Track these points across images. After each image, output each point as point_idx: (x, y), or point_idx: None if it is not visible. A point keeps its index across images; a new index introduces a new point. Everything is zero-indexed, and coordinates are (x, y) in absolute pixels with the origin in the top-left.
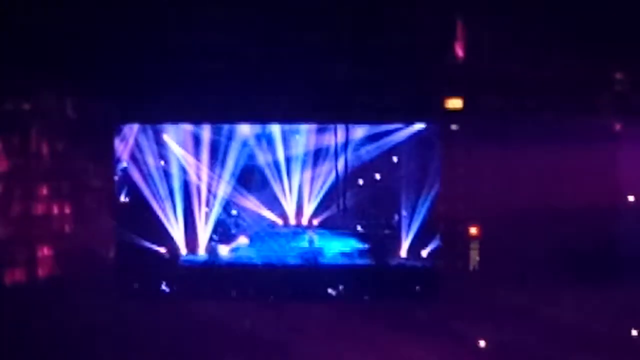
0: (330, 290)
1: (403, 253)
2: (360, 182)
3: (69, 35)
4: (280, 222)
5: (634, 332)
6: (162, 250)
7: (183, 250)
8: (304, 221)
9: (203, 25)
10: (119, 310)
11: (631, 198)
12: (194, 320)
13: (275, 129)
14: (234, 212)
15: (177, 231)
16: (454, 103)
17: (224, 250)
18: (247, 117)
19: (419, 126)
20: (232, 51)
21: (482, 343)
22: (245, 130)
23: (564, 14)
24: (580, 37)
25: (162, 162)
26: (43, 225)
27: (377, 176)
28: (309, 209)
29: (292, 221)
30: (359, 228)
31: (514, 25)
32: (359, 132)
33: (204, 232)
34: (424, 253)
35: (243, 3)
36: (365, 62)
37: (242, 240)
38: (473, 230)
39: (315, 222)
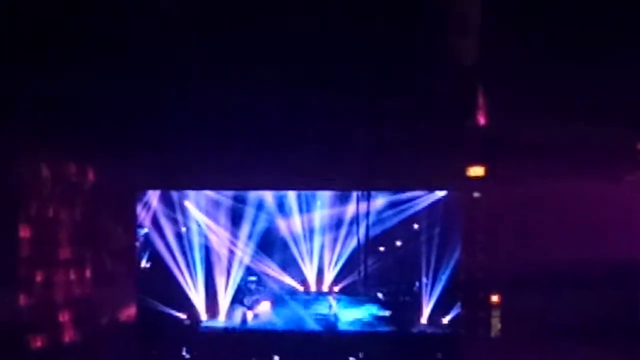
0: (350, 358)
1: (424, 320)
2: (382, 248)
3: (91, 100)
4: (301, 288)
5: None
6: (183, 315)
7: (203, 316)
8: (325, 287)
9: (224, 93)
10: None
11: None
12: None
13: (297, 196)
14: (254, 278)
15: (197, 297)
16: (476, 170)
17: (245, 316)
18: (269, 184)
19: (440, 193)
20: (253, 118)
21: None
22: (267, 196)
23: (587, 81)
24: (604, 105)
25: (184, 228)
26: (65, 290)
27: (398, 243)
28: (329, 275)
29: (313, 287)
30: (379, 295)
31: (537, 91)
32: (380, 198)
33: (224, 298)
34: (445, 320)
35: (263, 70)
36: (386, 129)
37: (264, 306)
38: (494, 298)
39: (336, 288)
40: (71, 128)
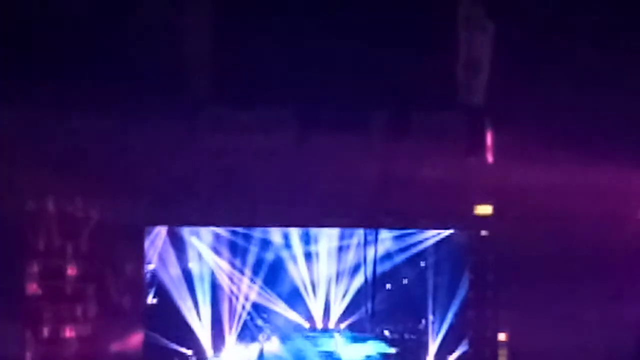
0: None
1: (430, 358)
2: (388, 286)
3: (94, 137)
4: (307, 324)
5: None
6: (189, 352)
7: (209, 352)
8: (331, 324)
9: (230, 128)
10: None
11: None
12: None
13: (303, 232)
14: (260, 317)
15: (203, 333)
16: (484, 209)
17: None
18: (275, 221)
19: (447, 231)
20: (259, 152)
21: None
22: (273, 232)
23: (598, 120)
24: (616, 144)
25: (191, 264)
26: (72, 325)
27: (405, 281)
28: (336, 312)
29: (319, 324)
30: (386, 332)
31: (546, 130)
32: (386, 234)
33: (229, 335)
34: (452, 358)
35: (270, 101)
36: (394, 168)
37: (271, 344)
38: (501, 336)
39: (342, 325)
40: (77, 162)
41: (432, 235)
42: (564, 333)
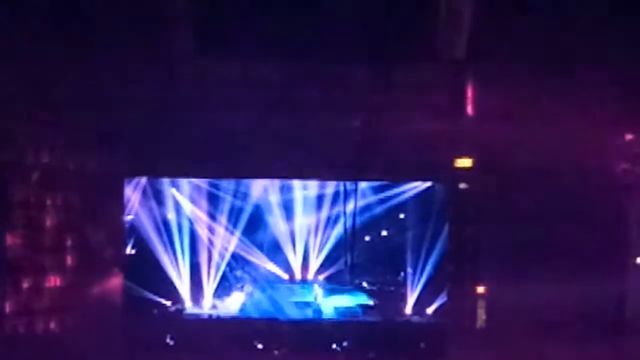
0: (334, 346)
1: (409, 310)
2: (367, 238)
3: (76, 87)
4: (286, 276)
5: None
6: (168, 303)
7: (188, 303)
8: (310, 276)
9: (212, 78)
10: None
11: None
12: None
13: (283, 184)
14: (239, 269)
15: (182, 284)
16: (464, 162)
17: (229, 304)
18: (256, 173)
19: (427, 184)
20: (241, 104)
21: None
22: (253, 184)
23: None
24: (595, 102)
25: (170, 215)
26: (50, 277)
27: (384, 233)
28: (315, 264)
29: (298, 275)
30: (365, 284)
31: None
32: (367, 187)
33: (209, 286)
34: (430, 310)
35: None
36: (375, 121)
37: (247, 294)
38: (480, 288)
39: (321, 277)
40: (57, 114)
41: (412, 188)
42: (543, 286)
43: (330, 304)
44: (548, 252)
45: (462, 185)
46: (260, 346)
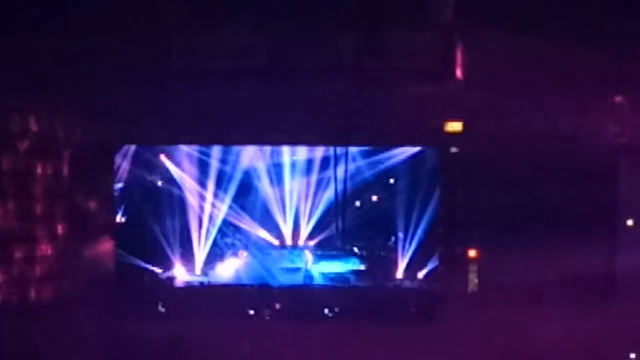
0: (326, 311)
1: (400, 274)
2: (358, 203)
3: (65, 57)
4: (276, 242)
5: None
6: (159, 270)
7: (179, 271)
8: (301, 242)
9: (202, 46)
10: (116, 329)
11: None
12: (189, 341)
13: (273, 150)
14: (230, 235)
15: (173, 252)
16: (454, 126)
17: (220, 271)
18: (245, 140)
19: (417, 148)
20: (231, 72)
21: None
22: (243, 151)
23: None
24: (582, 64)
25: (160, 183)
26: (41, 246)
27: (374, 198)
28: (305, 230)
29: (289, 241)
30: (355, 249)
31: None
32: (357, 152)
33: (200, 253)
34: (421, 274)
35: (243, 24)
36: (364, 86)
37: (238, 260)
38: (472, 252)
39: (312, 243)
40: (48, 82)
41: (402, 152)
42: (533, 249)
43: (321, 270)
44: (539, 214)
45: (453, 149)
46: (251, 312)
